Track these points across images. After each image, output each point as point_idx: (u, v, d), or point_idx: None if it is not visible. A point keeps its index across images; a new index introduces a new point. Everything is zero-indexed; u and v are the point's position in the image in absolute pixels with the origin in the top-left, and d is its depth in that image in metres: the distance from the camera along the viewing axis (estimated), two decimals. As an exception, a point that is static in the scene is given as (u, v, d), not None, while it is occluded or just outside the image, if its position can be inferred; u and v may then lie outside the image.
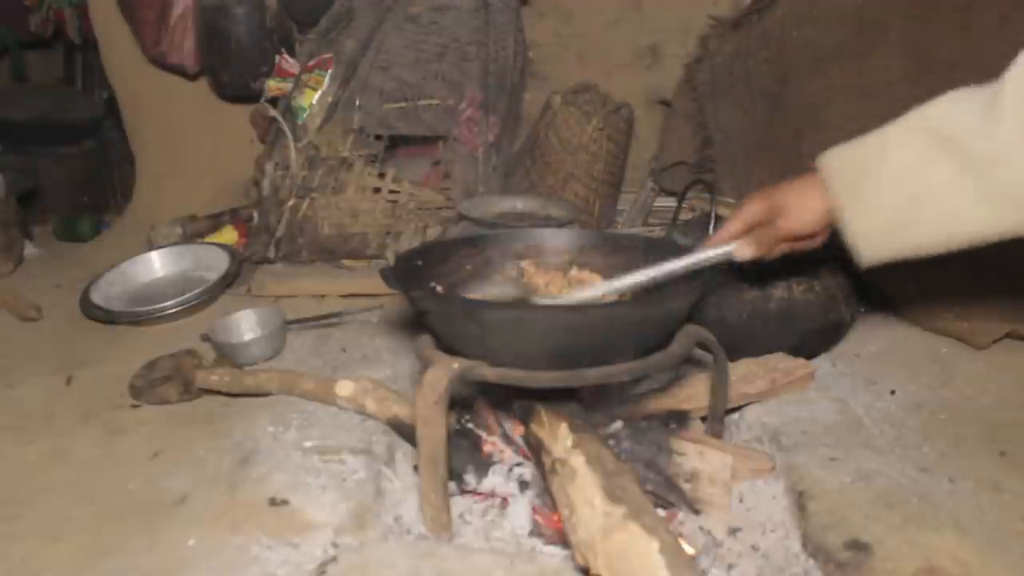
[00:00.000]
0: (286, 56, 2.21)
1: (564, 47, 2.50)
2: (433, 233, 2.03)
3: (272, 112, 2.12)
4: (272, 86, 2.16)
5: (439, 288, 1.20)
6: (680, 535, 1.03)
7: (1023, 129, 0.81)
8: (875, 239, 0.93)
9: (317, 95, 2.03)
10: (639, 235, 2.07)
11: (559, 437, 1.00)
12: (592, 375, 0.98)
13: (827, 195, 0.96)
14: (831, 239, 1.03)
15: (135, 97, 2.63)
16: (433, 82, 2.09)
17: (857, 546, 0.92)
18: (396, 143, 2.15)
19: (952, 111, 0.87)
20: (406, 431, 1.19)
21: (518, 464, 1.13)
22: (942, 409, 1.32)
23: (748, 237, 1.05)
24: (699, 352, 1.12)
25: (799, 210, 1.00)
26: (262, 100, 2.19)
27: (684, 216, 1.72)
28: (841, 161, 0.96)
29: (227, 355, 1.56)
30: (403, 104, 2.07)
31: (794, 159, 1.84)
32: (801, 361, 1.32)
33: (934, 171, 0.87)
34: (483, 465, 1.13)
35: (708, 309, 1.41)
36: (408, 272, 1.15)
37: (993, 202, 0.84)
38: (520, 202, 1.81)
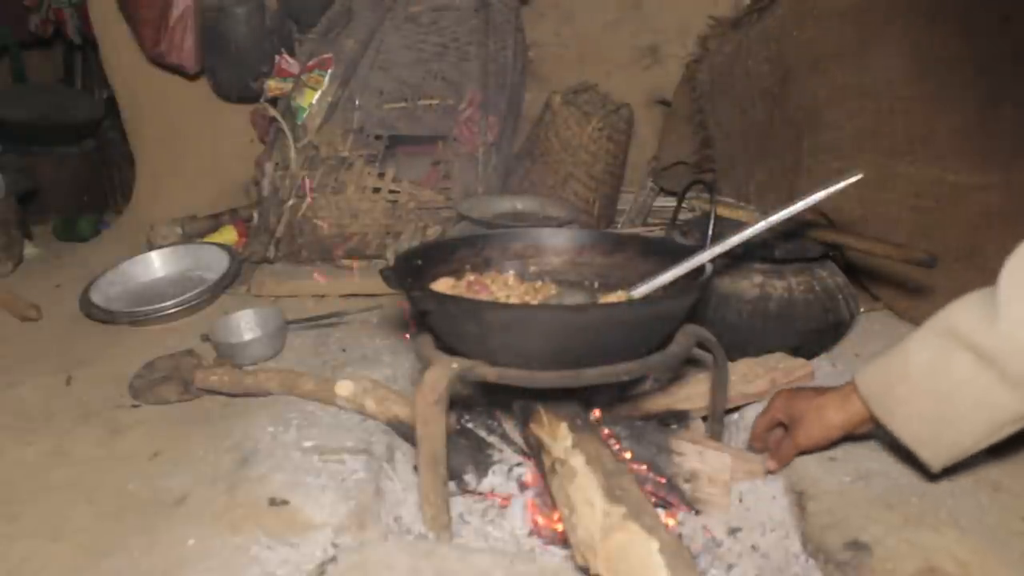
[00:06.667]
0: (286, 56, 2.21)
1: (564, 47, 2.50)
2: (433, 233, 2.03)
3: (272, 112, 2.11)
4: (272, 86, 2.16)
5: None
6: (680, 535, 1.03)
7: (1017, 321, 0.84)
8: (931, 445, 0.95)
9: (317, 95, 2.03)
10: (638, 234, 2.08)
11: (559, 437, 1.00)
12: (592, 375, 0.98)
13: (870, 413, 0.99)
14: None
15: (135, 97, 2.62)
16: (433, 82, 2.09)
17: (857, 546, 0.92)
18: (396, 143, 2.14)
19: (960, 311, 0.91)
20: (406, 431, 1.19)
21: (518, 464, 1.13)
22: (942, 409, 1.32)
23: (770, 453, 1.12)
24: (699, 352, 1.12)
25: (811, 425, 1.04)
26: (262, 100, 2.19)
27: (684, 216, 1.72)
28: (871, 376, 0.99)
29: (227, 355, 1.56)
30: (403, 104, 2.07)
31: (794, 159, 1.84)
32: (801, 361, 1.33)
33: (954, 366, 0.89)
34: (483, 465, 1.13)
35: (708, 309, 1.41)
36: (408, 272, 1.15)
37: (1017, 387, 0.86)
38: (520, 202, 1.81)
